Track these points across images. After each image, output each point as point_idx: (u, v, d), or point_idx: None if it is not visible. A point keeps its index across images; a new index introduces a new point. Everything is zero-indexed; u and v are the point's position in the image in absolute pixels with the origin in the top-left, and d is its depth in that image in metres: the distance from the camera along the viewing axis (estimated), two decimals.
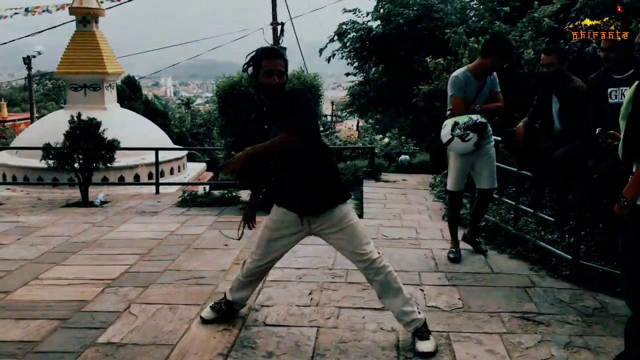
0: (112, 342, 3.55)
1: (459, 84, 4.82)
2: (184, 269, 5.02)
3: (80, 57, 15.99)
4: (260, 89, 3.41)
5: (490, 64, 4.78)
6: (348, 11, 15.53)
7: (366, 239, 3.44)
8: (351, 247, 3.41)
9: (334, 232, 3.42)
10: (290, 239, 3.56)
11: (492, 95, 4.92)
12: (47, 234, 6.37)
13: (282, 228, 3.51)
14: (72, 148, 9.34)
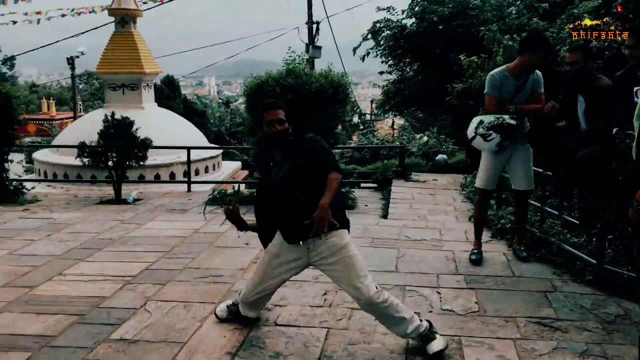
0: (124, 339, 3.61)
1: (494, 82, 4.80)
2: (203, 267, 5.07)
3: (118, 57, 16.35)
4: (267, 140, 3.53)
5: (528, 62, 4.72)
6: (382, 9, 15.43)
7: (364, 272, 3.33)
8: (348, 279, 3.31)
9: (332, 263, 3.35)
10: (289, 267, 3.50)
11: (533, 96, 4.79)
12: (76, 230, 6.54)
13: (282, 254, 3.48)
14: (106, 146, 9.58)
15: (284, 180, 3.41)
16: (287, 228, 3.44)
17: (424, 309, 4.04)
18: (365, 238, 5.94)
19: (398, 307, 3.33)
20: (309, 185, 3.32)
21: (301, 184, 3.36)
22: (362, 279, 3.28)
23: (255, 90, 8.28)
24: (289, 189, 3.39)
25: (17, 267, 5.09)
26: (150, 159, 14.18)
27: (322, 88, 8.07)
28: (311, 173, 3.34)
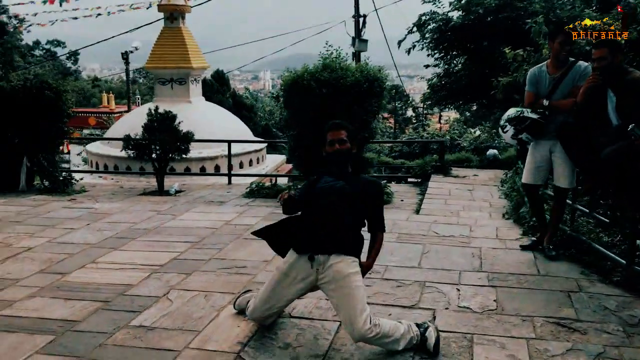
0: (143, 326, 3.74)
1: (530, 78, 4.92)
2: (229, 258, 5.18)
3: (167, 52, 16.76)
4: (327, 158, 3.55)
5: (553, 50, 4.80)
6: (428, 2, 15.23)
7: (361, 306, 3.21)
8: (344, 310, 3.22)
9: (333, 289, 3.31)
10: (297, 287, 3.44)
11: (575, 90, 4.66)
12: (115, 220, 6.78)
13: (292, 272, 3.44)
14: (149, 139, 9.86)
15: (329, 194, 3.47)
16: (308, 237, 3.44)
17: (440, 305, 4.01)
18: (393, 233, 5.92)
19: (389, 332, 3.22)
20: (347, 213, 3.42)
21: (343, 208, 3.42)
22: (358, 314, 3.16)
23: (290, 84, 8.34)
24: (329, 204, 3.45)
25: (54, 255, 5.33)
26: (196, 152, 14.58)
27: (357, 82, 8.05)
28: (357, 209, 3.45)
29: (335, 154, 3.49)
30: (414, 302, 4.08)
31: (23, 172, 9.80)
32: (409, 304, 4.04)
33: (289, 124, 8.86)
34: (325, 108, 8.07)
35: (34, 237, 5.96)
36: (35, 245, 5.67)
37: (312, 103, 8.10)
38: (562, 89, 4.72)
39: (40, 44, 56.09)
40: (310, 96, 8.09)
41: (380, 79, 8.35)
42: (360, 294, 3.27)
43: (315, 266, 3.36)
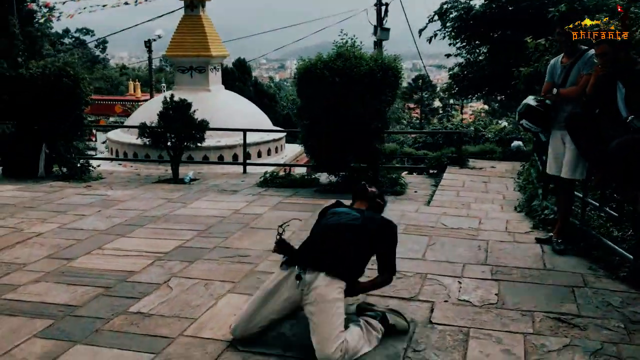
0: (141, 312, 3.77)
1: (548, 69, 5.01)
2: (233, 246, 5.19)
3: (187, 40, 16.85)
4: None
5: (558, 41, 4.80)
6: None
7: (336, 333, 3.05)
8: (317, 335, 3.08)
9: (312, 311, 3.16)
10: (282, 306, 3.31)
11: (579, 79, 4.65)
12: (125, 207, 6.84)
13: (279, 289, 3.32)
14: (165, 127, 9.92)
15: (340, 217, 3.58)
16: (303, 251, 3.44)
17: (440, 298, 3.96)
18: (400, 224, 5.84)
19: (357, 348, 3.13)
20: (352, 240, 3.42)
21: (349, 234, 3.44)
22: (331, 342, 3.02)
23: (303, 73, 8.30)
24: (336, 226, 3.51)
25: (62, 240, 5.41)
26: (214, 141, 14.68)
27: (371, 71, 7.98)
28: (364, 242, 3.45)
29: (372, 199, 3.83)
30: (413, 294, 4.04)
31: (42, 159, 9.95)
32: (408, 295, 4.01)
33: (302, 113, 8.83)
34: (338, 97, 8.04)
35: (46, 223, 6.05)
36: (46, 230, 5.75)
37: (325, 92, 8.06)
38: (572, 78, 4.71)
39: (69, 32, 56.88)
40: (323, 85, 8.05)
41: (395, 68, 8.25)
42: (338, 321, 3.11)
43: (301, 286, 3.23)
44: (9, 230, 5.77)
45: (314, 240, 3.53)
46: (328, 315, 3.10)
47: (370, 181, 8.26)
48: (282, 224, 3.57)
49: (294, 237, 4.94)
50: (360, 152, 8.49)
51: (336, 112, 8.12)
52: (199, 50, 16.75)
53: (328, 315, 3.10)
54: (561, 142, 4.80)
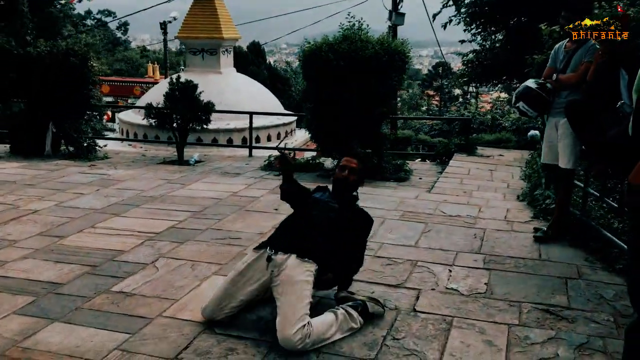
0: (123, 292, 3.74)
1: (552, 53, 4.88)
2: (225, 229, 5.15)
3: (199, 22, 16.77)
4: (333, 183, 3.63)
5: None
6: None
7: (299, 316, 2.98)
8: (281, 316, 3.03)
9: (280, 292, 3.12)
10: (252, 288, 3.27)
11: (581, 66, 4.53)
12: (124, 187, 6.83)
13: (249, 271, 3.29)
14: (171, 108, 9.88)
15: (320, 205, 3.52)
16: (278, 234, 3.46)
17: (427, 286, 3.87)
18: (397, 211, 5.78)
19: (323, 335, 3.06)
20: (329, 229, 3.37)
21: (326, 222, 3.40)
22: (293, 324, 2.95)
23: (308, 55, 8.19)
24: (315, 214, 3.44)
25: (57, 218, 5.40)
26: (223, 124, 14.65)
27: (377, 54, 7.84)
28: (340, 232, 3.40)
29: (341, 182, 3.55)
30: (400, 281, 3.96)
31: (48, 137, 9.97)
32: (395, 282, 3.93)
33: (307, 96, 8.73)
34: (342, 80, 7.92)
35: (43, 201, 6.05)
36: (42, 208, 5.75)
37: (330, 75, 7.94)
38: (573, 65, 4.56)
39: (91, 14, 57.14)
40: (328, 68, 7.93)
41: (402, 52, 8.11)
42: (302, 304, 3.04)
43: (271, 267, 3.21)
44: (5, 207, 5.78)
45: (288, 225, 3.48)
46: (292, 297, 3.05)
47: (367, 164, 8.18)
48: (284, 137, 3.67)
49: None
50: (365, 137, 8.37)
51: (341, 96, 8.00)
52: (210, 32, 16.65)
53: (293, 296, 3.05)
54: (555, 129, 4.67)
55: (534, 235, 4.88)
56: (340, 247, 3.42)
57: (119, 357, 2.94)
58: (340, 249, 3.41)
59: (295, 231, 3.37)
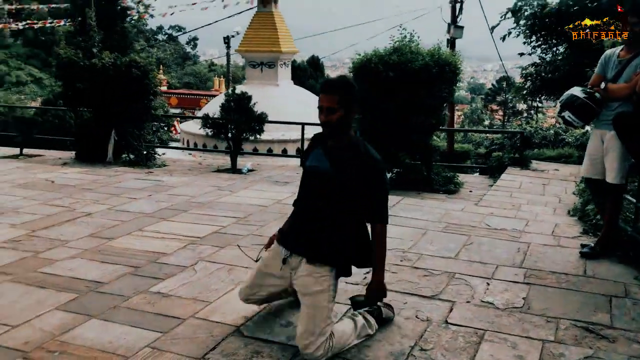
0: (160, 292, 3.85)
1: (601, 60, 4.57)
2: (266, 234, 5.18)
3: (258, 36, 17.16)
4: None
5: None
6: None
7: (319, 330, 2.90)
8: (301, 325, 2.96)
9: (301, 299, 3.06)
10: (276, 282, 3.23)
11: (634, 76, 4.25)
12: (175, 193, 7.03)
13: (270, 264, 3.24)
14: (225, 119, 10.13)
15: (312, 177, 3.14)
16: (290, 228, 3.28)
17: (462, 298, 3.79)
18: (441, 222, 5.69)
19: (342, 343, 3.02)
20: (329, 206, 3.04)
21: (324, 200, 3.05)
22: (313, 337, 2.89)
23: (358, 67, 8.22)
24: (310, 194, 3.15)
25: (108, 221, 5.62)
26: (278, 134, 14.88)
27: (426, 66, 7.79)
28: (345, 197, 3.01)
29: (324, 127, 3.00)
30: (435, 292, 3.89)
31: (111, 144, 10.40)
32: (429, 294, 3.87)
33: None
34: (391, 92, 7.90)
35: (97, 204, 6.31)
36: (95, 211, 6.00)
37: (379, 86, 7.94)
38: (626, 75, 4.29)
39: (163, 29, 59.57)
40: (377, 79, 7.94)
41: (452, 64, 8.02)
42: (323, 316, 2.93)
43: (288, 269, 3.14)
44: (62, 209, 6.07)
45: (297, 214, 3.27)
46: (311, 310, 2.96)
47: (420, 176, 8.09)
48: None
49: None
50: (414, 148, 8.31)
51: (389, 107, 7.99)
52: (269, 46, 17.01)
53: (311, 309, 2.97)
54: (600, 142, 4.47)
55: (581, 251, 4.70)
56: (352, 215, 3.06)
57: (148, 354, 3.03)
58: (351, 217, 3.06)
59: (303, 224, 3.16)
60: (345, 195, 3.02)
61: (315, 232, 3.07)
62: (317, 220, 3.08)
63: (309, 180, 3.19)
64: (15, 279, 4.08)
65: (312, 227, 3.09)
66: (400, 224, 5.61)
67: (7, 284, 4.00)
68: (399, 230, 5.35)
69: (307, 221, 3.14)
